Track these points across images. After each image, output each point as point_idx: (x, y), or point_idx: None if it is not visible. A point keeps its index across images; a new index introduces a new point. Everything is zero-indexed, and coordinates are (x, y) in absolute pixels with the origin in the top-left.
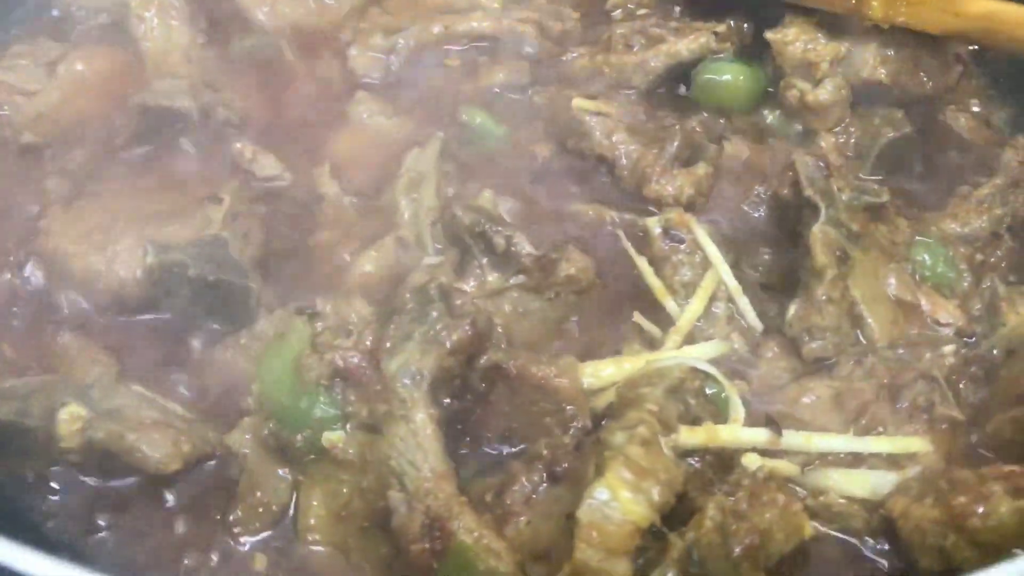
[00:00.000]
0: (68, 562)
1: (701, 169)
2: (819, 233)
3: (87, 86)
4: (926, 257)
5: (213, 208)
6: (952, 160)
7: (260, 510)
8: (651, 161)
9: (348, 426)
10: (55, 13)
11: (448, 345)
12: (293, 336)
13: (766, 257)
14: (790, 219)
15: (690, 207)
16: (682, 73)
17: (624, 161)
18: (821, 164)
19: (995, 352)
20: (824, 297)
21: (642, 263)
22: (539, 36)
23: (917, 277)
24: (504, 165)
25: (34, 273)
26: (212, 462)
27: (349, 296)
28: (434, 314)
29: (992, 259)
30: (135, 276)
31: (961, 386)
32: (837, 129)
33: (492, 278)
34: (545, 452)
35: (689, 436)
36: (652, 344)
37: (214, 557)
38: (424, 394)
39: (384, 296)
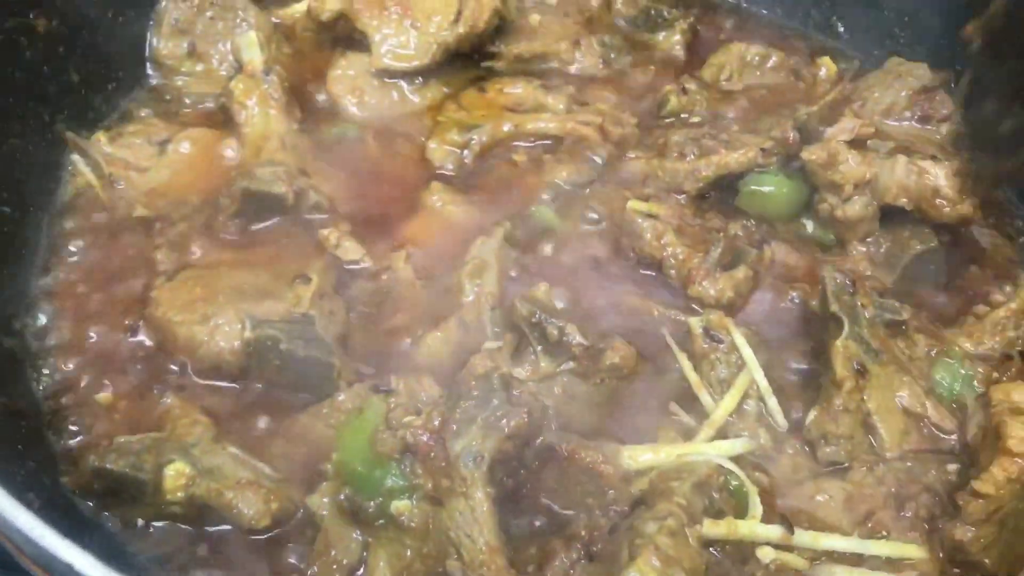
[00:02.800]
0: None
1: (741, 273)
2: (841, 347)
3: (193, 165)
4: (946, 377)
5: (303, 287)
6: (974, 274)
7: (334, 567)
8: (696, 264)
9: (414, 497)
10: (167, 98)
11: (507, 431)
12: (370, 412)
13: (794, 360)
14: (817, 328)
15: (729, 308)
16: (730, 181)
17: (671, 261)
18: (848, 281)
19: None
20: (841, 407)
21: (683, 358)
22: (600, 138)
23: (934, 393)
24: (561, 257)
25: (144, 338)
26: (294, 520)
27: (419, 375)
28: (495, 401)
29: (1004, 379)
30: (233, 347)
31: (960, 501)
32: (869, 240)
33: (545, 363)
34: (583, 532)
35: (712, 528)
36: (686, 433)
37: None
38: (483, 474)
39: (449, 373)
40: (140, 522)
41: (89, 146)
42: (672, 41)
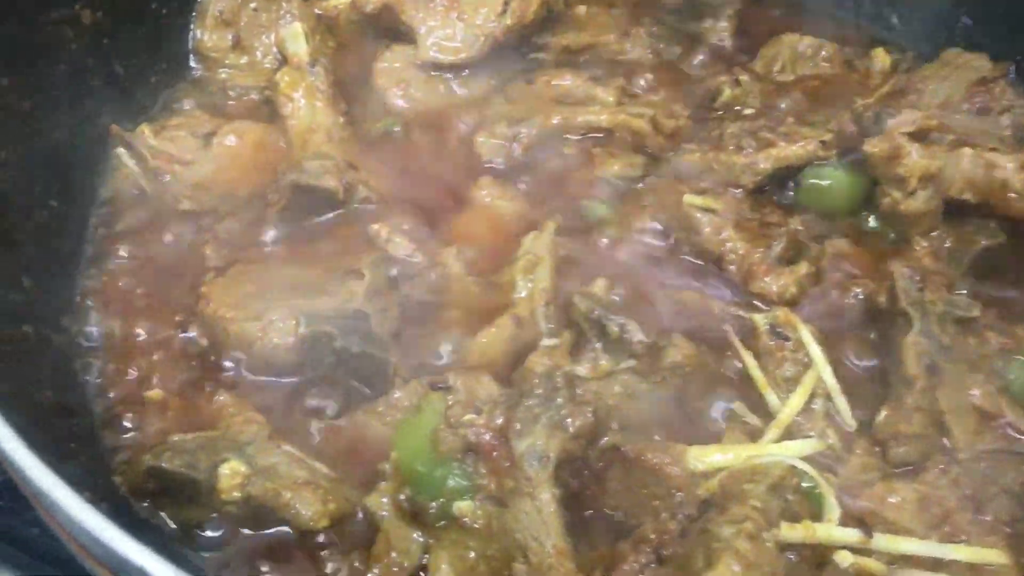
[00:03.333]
0: None
1: (803, 268)
2: (912, 344)
3: (238, 159)
4: (1021, 375)
5: (355, 282)
6: None
7: (395, 569)
8: (757, 259)
9: (477, 497)
10: (211, 90)
11: (572, 430)
12: (429, 410)
13: (857, 357)
14: (885, 324)
15: (791, 304)
16: (786, 175)
17: (731, 257)
18: (917, 277)
19: None
20: (912, 406)
21: (747, 356)
22: (652, 131)
23: (1008, 392)
24: (615, 252)
25: (195, 334)
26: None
27: (477, 372)
28: (559, 400)
29: None
30: (287, 343)
31: None
32: (932, 234)
33: (605, 361)
34: (652, 535)
35: (789, 532)
36: (751, 433)
37: None
38: (549, 475)
39: (503, 371)
40: (196, 522)
41: (134, 139)
42: (718, 28)
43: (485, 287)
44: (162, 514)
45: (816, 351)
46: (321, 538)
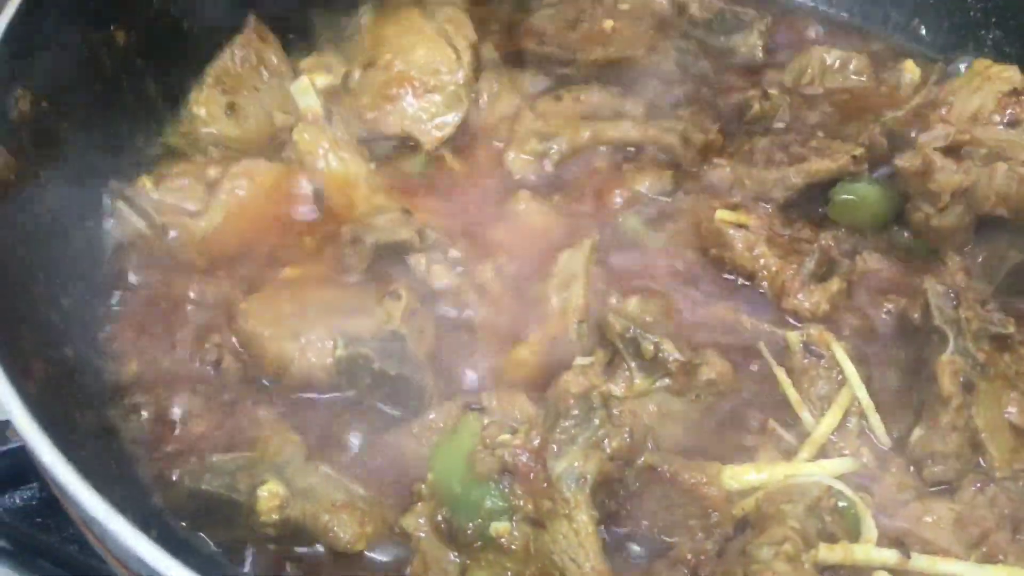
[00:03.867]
0: None
1: (835, 285)
2: (947, 363)
3: (251, 205)
4: None
5: (392, 303)
6: None
7: None
8: (790, 276)
9: (514, 518)
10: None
11: (609, 451)
12: (465, 431)
13: (891, 375)
14: (918, 341)
15: (824, 321)
16: (817, 190)
17: (764, 273)
18: (952, 293)
19: None
20: (948, 424)
21: (781, 374)
22: (682, 145)
23: None
24: (648, 268)
25: (234, 353)
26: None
27: (512, 392)
28: (596, 420)
29: None
30: (325, 364)
31: None
32: (965, 249)
33: (639, 380)
34: (689, 556)
35: (828, 553)
36: (785, 452)
37: None
38: (586, 496)
39: (537, 388)
40: (234, 543)
41: (134, 194)
42: (750, 44)
43: (521, 304)
44: (201, 534)
45: (850, 368)
46: (358, 559)
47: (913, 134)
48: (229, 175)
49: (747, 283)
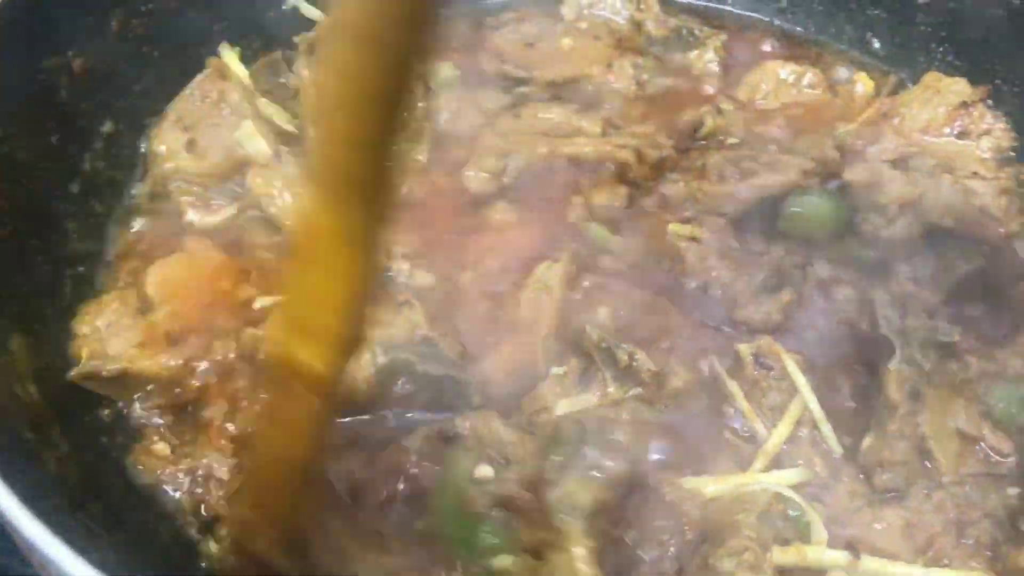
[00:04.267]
0: None
1: (786, 296)
2: (895, 372)
3: (186, 304)
4: (1003, 399)
5: (412, 312)
6: (1021, 292)
7: None
8: (741, 287)
9: (515, 552)
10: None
11: (605, 479)
12: (451, 471)
13: (844, 384)
14: (867, 350)
15: (776, 331)
16: (770, 203)
17: (716, 285)
18: (898, 304)
19: None
20: (896, 432)
21: (733, 386)
22: (637, 162)
23: (990, 416)
24: (608, 281)
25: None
26: None
27: (486, 416)
28: (589, 448)
29: None
30: (367, 375)
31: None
32: (913, 259)
33: (613, 388)
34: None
35: (782, 556)
36: (739, 461)
37: None
38: (581, 526)
39: (509, 400)
40: None
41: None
42: (705, 60)
43: (493, 316)
44: None
45: (801, 380)
46: None
47: (865, 147)
48: (148, 281)
49: (701, 295)
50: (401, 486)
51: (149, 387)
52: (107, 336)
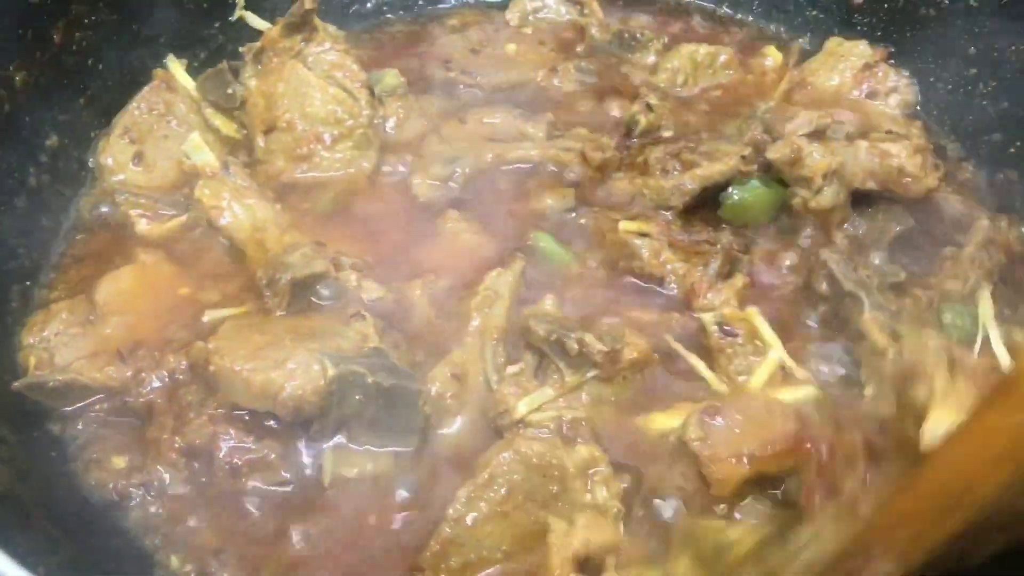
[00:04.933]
0: None
1: (739, 281)
2: (871, 319)
3: (134, 311)
4: (954, 318)
5: (360, 323)
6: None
7: None
8: (698, 277)
9: None
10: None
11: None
12: None
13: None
14: (830, 310)
15: None
16: (714, 191)
17: (672, 277)
18: (848, 259)
19: None
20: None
21: (693, 359)
22: (581, 164)
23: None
24: (560, 281)
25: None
26: None
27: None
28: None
29: None
30: (317, 387)
31: None
32: (847, 225)
33: (569, 377)
34: None
35: None
36: None
37: None
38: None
39: (460, 411)
40: None
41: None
42: (648, 62)
43: (446, 323)
44: None
45: (769, 333)
46: None
47: (781, 125)
48: (98, 292)
49: (657, 288)
50: None
51: (96, 398)
52: (55, 346)
